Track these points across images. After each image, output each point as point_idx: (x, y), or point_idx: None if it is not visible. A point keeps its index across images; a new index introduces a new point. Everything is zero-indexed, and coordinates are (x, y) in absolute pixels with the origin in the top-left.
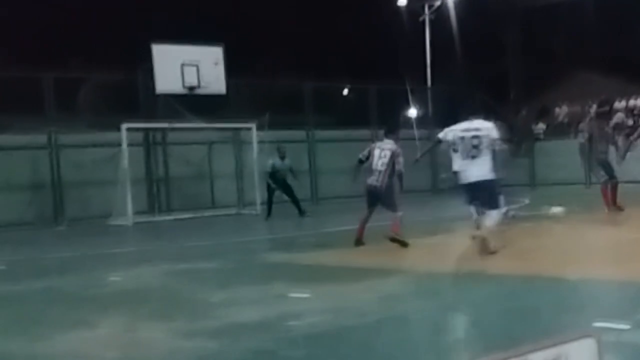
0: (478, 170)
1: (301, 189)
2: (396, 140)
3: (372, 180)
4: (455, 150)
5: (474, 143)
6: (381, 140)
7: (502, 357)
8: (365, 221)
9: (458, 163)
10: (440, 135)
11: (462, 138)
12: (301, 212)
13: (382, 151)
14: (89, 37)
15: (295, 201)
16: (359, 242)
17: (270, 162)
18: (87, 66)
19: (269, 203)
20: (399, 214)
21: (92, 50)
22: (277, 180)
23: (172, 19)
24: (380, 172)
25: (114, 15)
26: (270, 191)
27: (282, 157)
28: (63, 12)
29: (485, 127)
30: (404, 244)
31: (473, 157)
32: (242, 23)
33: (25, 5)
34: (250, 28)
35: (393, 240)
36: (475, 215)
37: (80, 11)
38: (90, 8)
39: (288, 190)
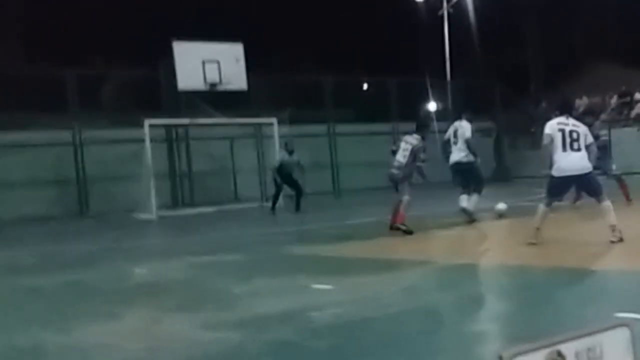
0: (581, 162)
1: (322, 182)
2: (424, 136)
3: (394, 169)
4: (455, 143)
5: (574, 137)
6: (410, 134)
7: (534, 347)
8: (396, 212)
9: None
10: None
11: (561, 130)
12: (298, 208)
13: (407, 144)
14: (111, 35)
15: (298, 196)
16: (393, 227)
17: (278, 156)
18: (109, 64)
19: (275, 198)
20: (406, 197)
21: (115, 47)
22: (283, 175)
23: (193, 16)
24: (401, 162)
25: (136, 13)
26: (278, 186)
27: (290, 152)
28: (85, 11)
29: (580, 125)
30: (408, 232)
31: (576, 149)
32: (262, 19)
33: (48, 4)
34: (271, 24)
35: (396, 228)
36: (544, 210)
37: (102, 9)
38: (112, 6)
39: (293, 184)
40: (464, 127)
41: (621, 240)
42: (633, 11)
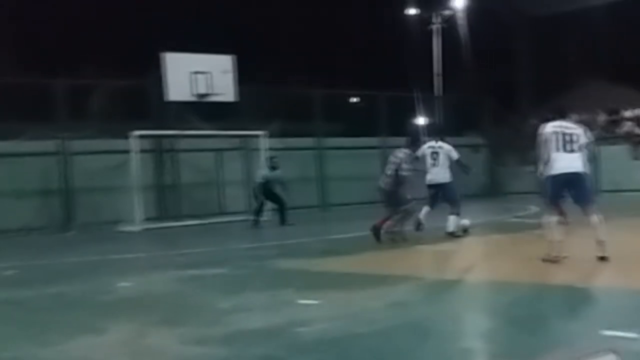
0: (575, 162)
1: (310, 196)
2: (414, 151)
3: (381, 182)
4: (434, 165)
5: (567, 139)
6: (400, 148)
7: None
8: (385, 219)
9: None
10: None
11: (556, 133)
12: (283, 221)
13: (395, 158)
14: (100, 44)
15: (282, 210)
16: (376, 232)
17: (262, 172)
18: (98, 73)
19: (258, 212)
20: (407, 206)
21: (103, 57)
22: (266, 191)
23: (183, 27)
24: (388, 176)
25: (125, 23)
26: (259, 201)
27: (273, 168)
28: (74, 20)
29: (577, 128)
30: (377, 238)
31: (570, 150)
32: (253, 31)
33: (36, 13)
34: (260, 36)
35: (372, 229)
36: (552, 220)
37: (91, 19)
38: (102, 16)
39: (275, 199)
40: (447, 149)
41: (607, 257)
42: (622, 29)
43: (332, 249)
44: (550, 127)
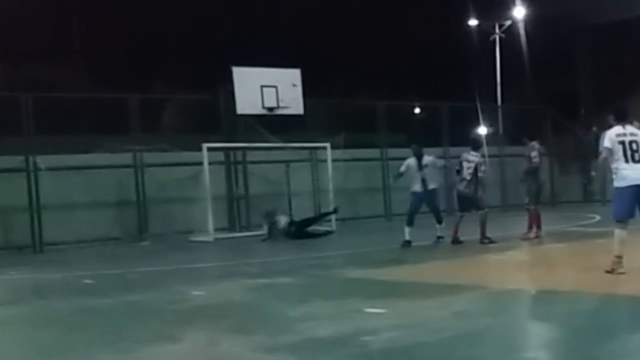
0: None
1: (375, 205)
2: (481, 153)
3: (462, 187)
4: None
5: (634, 148)
6: (469, 152)
7: None
8: (458, 224)
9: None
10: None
11: (622, 142)
12: (326, 233)
13: (469, 163)
14: (172, 60)
15: (315, 235)
16: (455, 241)
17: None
18: (170, 88)
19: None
20: (485, 210)
21: (176, 73)
22: (290, 232)
23: (252, 42)
24: (468, 180)
25: (197, 40)
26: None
27: (273, 223)
28: (147, 37)
29: (638, 133)
30: (491, 242)
31: (638, 160)
32: (318, 45)
33: (111, 31)
34: (326, 50)
35: (483, 242)
36: (619, 234)
37: (164, 36)
38: (174, 33)
39: (304, 234)
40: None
41: None
42: None
43: (397, 258)
44: (614, 136)
